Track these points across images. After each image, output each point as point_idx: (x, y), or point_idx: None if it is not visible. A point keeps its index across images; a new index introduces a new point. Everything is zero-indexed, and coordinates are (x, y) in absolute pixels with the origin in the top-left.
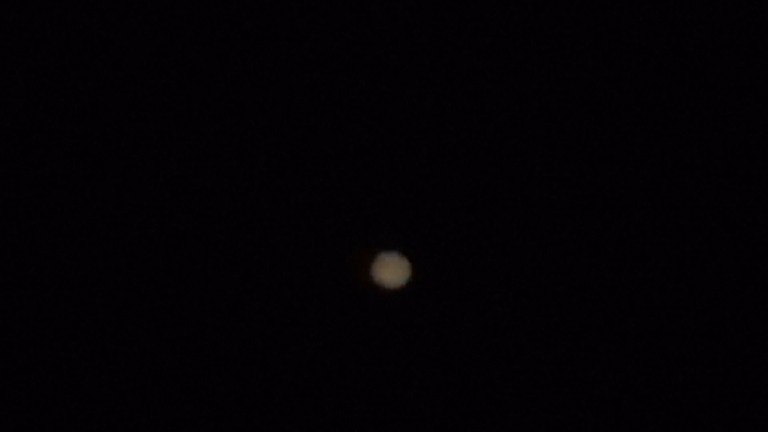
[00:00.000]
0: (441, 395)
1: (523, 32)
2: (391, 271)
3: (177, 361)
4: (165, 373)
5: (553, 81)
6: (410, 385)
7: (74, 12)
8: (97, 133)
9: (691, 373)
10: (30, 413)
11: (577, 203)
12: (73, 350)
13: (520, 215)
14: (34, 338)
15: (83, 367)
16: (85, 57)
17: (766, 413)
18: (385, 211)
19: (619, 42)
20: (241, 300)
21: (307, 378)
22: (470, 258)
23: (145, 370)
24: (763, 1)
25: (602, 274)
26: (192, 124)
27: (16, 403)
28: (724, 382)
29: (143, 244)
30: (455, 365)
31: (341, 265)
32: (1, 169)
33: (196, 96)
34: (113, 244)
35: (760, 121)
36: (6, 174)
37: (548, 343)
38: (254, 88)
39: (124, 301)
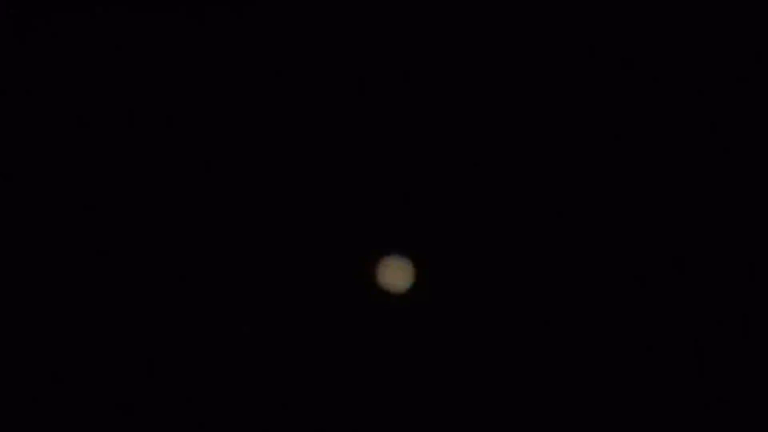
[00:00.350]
0: (445, 399)
1: (524, 33)
2: (395, 274)
3: (178, 363)
4: (167, 377)
5: (555, 83)
6: (415, 389)
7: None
8: (99, 134)
9: (691, 373)
10: (30, 413)
11: (583, 204)
12: (72, 350)
13: (526, 218)
14: (34, 338)
15: (83, 367)
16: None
17: (766, 413)
18: (389, 214)
19: (619, 43)
20: (243, 303)
21: (310, 381)
22: (475, 261)
23: (146, 371)
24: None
25: (608, 276)
26: (193, 125)
27: (15, 403)
28: (724, 383)
29: (145, 245)
30: (460, 369)
31: (345, 268)
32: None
33: (197, 97)
34: (116, 249)
35: (760, 121)
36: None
37: (554, 347)
38: (256, 88)
39: (124, 303)
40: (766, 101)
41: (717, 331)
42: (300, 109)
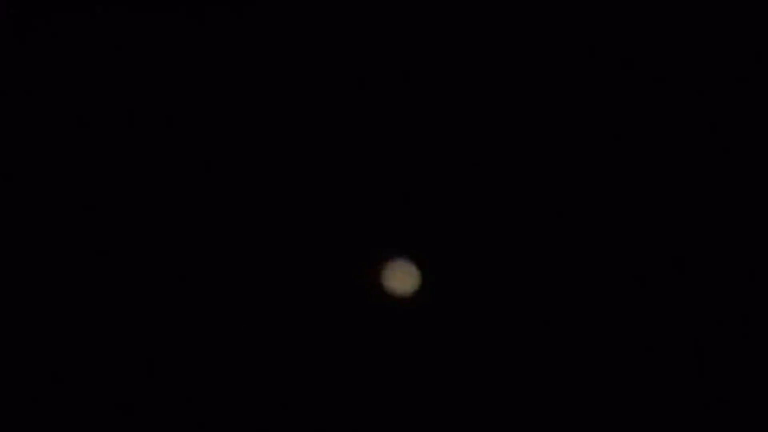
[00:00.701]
0: (452, 403)
1: (526, 33)
2: (401, 278)
3: (183, 368)
4: (178, 387)
5: (560, 86)
6: (421, 393)
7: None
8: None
9: (692, 373)
10: (30, 413)
11: (588, 206)
12: (72, 350)
13: (531, 222)
14: (34, 338)
15: (83, 367)
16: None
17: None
18: (395, 218)
19: (619, 42)
20: (248, 308)
21: (316, 386)
22: (481, 265)
23: (150, 372)
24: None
25: (615, 278)
26: (194, 126)
27: (16, 403)
28: (724, 383)
29: (147, 251)
30: (466, 373)
31: (350, 273)
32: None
33: (197, 97)
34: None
35: (760, 121)
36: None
37: (560, 350)
38: (259, 89)
39: (127, 307)
40: (766, 101)
41: (717, 331)
42: (307, 113)
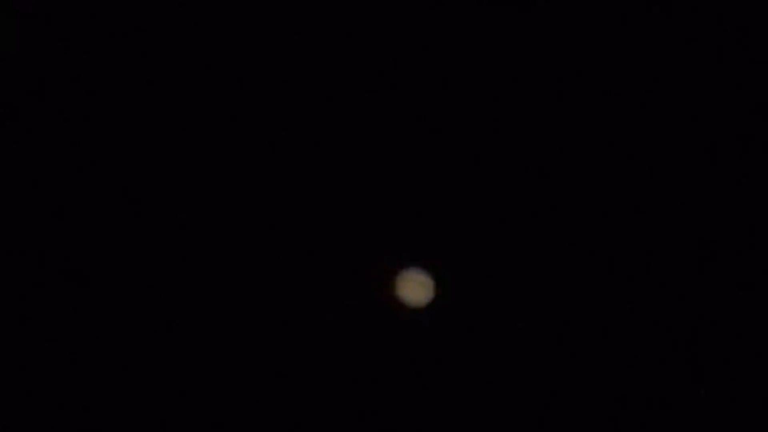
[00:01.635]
0: (466, 414)
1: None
2: (415, 288)
3: (194, 378)
4: (190, 398)
5: (571, 92)
6: (435, 404)
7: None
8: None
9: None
10: (30, 413)
11: (603, 215)
12: (73, 350)
13: (548, 232)
14: (34, 338)
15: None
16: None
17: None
18: (408, 228)
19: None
20: (260, 317)
21: (329, 396)
22: (495, 275)
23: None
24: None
25: (633, 289)
26: (211, 139)
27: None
28: (725, 383)
29: (167, 273)
30: (480, 384)
31: (363, 283)
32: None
33: (200, 99)
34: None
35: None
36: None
37: (577, 364)
38: (272, 96)
39: (135, 316)
40: (766, 101)
41: (718, 331)
42: (323, 122)
